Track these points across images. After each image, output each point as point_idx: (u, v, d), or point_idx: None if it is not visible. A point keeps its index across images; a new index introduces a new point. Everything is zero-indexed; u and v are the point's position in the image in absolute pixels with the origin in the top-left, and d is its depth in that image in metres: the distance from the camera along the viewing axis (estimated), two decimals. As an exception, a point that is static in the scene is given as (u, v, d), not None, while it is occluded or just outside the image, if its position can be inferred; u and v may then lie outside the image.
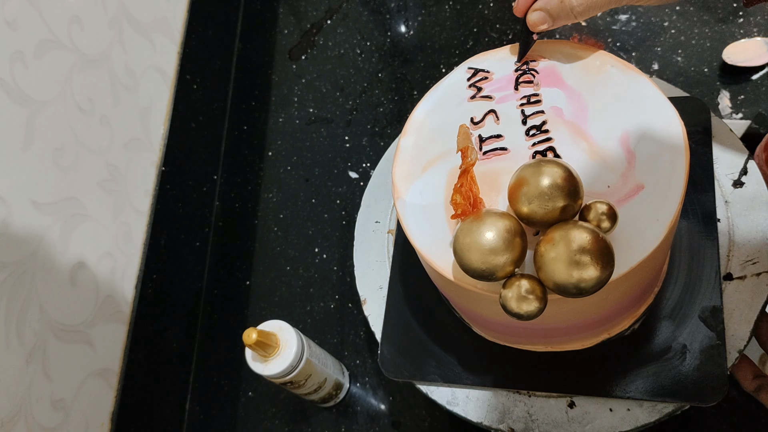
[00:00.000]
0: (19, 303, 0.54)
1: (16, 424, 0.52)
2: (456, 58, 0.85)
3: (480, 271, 0.36)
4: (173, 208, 0.77)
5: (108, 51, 0.70)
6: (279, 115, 0.90)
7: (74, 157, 0.63)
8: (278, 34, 0.97)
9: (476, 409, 0.50)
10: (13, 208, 0.55)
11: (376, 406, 0.68)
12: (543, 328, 0.45)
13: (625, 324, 0.48)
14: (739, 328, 0.47)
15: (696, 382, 0.45)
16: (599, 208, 0.37)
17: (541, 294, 0.36)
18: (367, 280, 0.58)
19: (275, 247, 0.80)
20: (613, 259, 0.35)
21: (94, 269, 0.64)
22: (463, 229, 0.37)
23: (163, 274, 0.73)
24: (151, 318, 0.70)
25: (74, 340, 0.60)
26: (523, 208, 0.36)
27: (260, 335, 0.53)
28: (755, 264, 0.49)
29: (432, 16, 0.90)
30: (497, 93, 0.46)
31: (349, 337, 0.72)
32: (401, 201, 0.45)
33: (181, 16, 0.85)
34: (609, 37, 0.79)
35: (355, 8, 0.95)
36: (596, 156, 0.41)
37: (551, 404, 0.48)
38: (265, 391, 0.72)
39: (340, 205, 0.80)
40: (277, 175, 0.85)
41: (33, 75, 0.59)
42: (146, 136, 0.75)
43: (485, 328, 0.50)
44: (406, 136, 0.47)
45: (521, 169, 0.37)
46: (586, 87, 0.44)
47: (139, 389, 0.67)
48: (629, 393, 0.46)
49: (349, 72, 0.89)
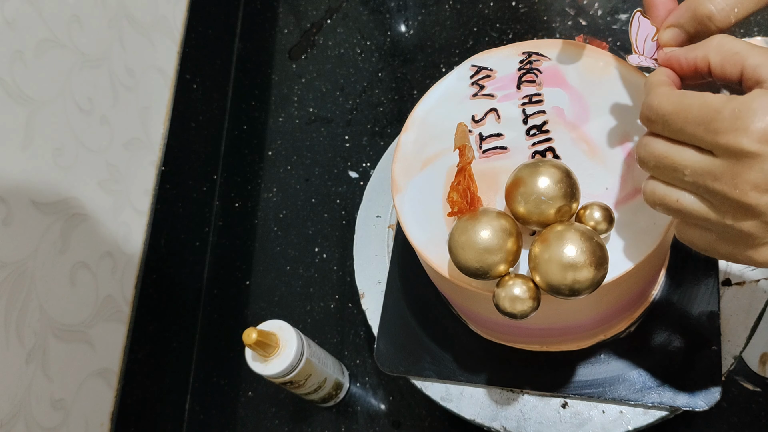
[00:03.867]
0: (19, 303, 0.54)
1: (16, 424, 0.52)
2: (456, 58, 0.85)
3: (474, 269, 0.36)
4: (173, 208, 0.77)
5: (108, 51, 0.70)
6: (279, 115, 0.90)
7: (74, 156, 0.63)
8: (278, 33, 0.97)
9: (470, 406, 0.50)
10: (13, 208, 0.55)
11: (376, 406, 0.68)
12: (538, 328, 0.45)
13: (621, 326, 0.48)
14: (736, 334, 0.47)
15: (690, 387, 0.45)
16: (596, 210, 0.37)
17: (535, 294, 0.36)
18: (366, 275, 0.59)
19: (275, 246, 0.80)
20: (607, 261, 0.35)
21: (94, 269, 0.64)
22: (459, 227, 0.37)
23: (163, 274, 0.73)
24: (151, 318, 0.70)
25: (74, 340, 0.60)
26: (519, 208, 0.36)
27: (260, 335, 0.53)
28: (754, 270, 0.49)
29: (432, 16, 0.90)
30: (499, 91, 0.46)
31: (349, 336, 0.72)
32: (400, 197, 0.45)
33: (181, 15, 0.85)
34: (609, 36, 0.79)
35: (355, 8, 0.95)
36: (596, 157, 0.41)
37: (544, 404, 0.48)
38: (265, 391, 0.72)
39: (340, 204, 0.80)
40: (277, 174, 0.85)
41: (33, 75, 0.59)
42: (146, 136, 0.75)
43: (481, 325, 0.50)
44: (407, 132, 0.47)
45: (518, 169, 0.37)
46: (588, 88, 0.44)
47: (139, 389, 0.67)
48: (622, 396, 0.46)
49: (349, 72, 0.89)
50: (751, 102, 0.28)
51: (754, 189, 0.28)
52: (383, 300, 0.55)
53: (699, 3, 0.34)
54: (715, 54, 0.32)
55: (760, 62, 0.30)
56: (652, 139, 0.32)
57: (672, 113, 0.31)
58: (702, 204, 0.31)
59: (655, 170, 0.33)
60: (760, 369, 0.55)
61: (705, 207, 0.31)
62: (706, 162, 0.30)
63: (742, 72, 0.31)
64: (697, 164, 0.30)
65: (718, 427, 0.56)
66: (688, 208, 0.31)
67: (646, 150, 0.33)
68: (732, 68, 0.31)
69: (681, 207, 0.32)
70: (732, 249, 0.31)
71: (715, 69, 0.32)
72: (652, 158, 0.32)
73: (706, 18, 0.33)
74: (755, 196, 0.28)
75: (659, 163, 0.32)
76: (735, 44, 0.31)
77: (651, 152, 0.32)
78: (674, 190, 0.32)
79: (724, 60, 0.31)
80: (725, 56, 0.31)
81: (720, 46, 0.32)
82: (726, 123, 0.28)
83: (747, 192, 0.28)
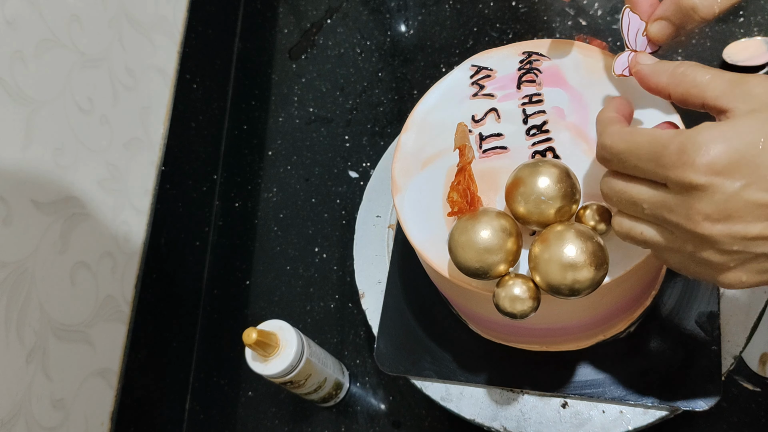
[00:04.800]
0: (19, 303, 0.54)
1: (16, 424, 0.52)
2: (456, 58, 0.85)
3: (474, 269, 0.36)
4: (173, 208, 0.77)
5: (108, 50, 0.70)
6: (279, 115, 0.90)
7: (74, 156, 0.63)
8: (278, 33, 0.97)
9: (470, 406, 0.50)
10: (13, 207, 0.55)
11: (376, 406, 0.68)
12: (538, 328, 0.45)
13: (621, 326, 0.48)
14: (736, 334, 0.47)
15: (690, 387, 0.45)
16: (596, 210, 0.37)
17: (535, 294, 0.36)
18: (366, 274, 0.59)
19: (275, 246, 0.80)
20: (607, 261, 0.35)
21: (94, 269, 0.64)
22: (459, 227, 0.37)
23: (163, 274, 0.73)
24: (151, 318, 0.70)
25: (74, 339, 0.60)
26: (519, 208, 0.36)
27: (260, 335, 0.53)
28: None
29: (432, 16, 0.90)
30: (499, 91, 0.46)
31: (349, 336, 0.72)
32: (400, 197, 0.45)
33: (181, 15, 0.85)
34: (609, 36, 0.79)
35: (355, 7, 0.95)
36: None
37: (544, 404, 0.48)
38: (265, 391, 0.72)
39: (340, 204, 0.80)
40: (277, 174, 0.85)
41: (33, 75, 0.59)
42: (146, 136, 0.75)
43: (481, 325, 0.50)
44: (407, 132, 0.47)
45: (518, 169, 0.37)
46: (588, 88, 0.44)
47: (139, 389, 0.67)
48: (622, 396, 0.46)
49: (349, 71, 0.89)
50: (696, 135, 0.29)
51: (706, 219, 0.29)
52: (383, 300, 0.55)
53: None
54: (676, 86, 0.33)
55: (720, 93, 0.30)
56: (611, 177, 0.34)
57: (624, 152, 0.32)
58: (664, 234, 0.32)
59: (619, 205, 0.34)
60: (760, 369, 0.55)
61: (667, 237, 0.32)
62: (661, 196, 0.31)
63: (704, 104, 0.31)
64: (653, 198, 0.31)
65: (718, 427, 0.56)
66: (652, 239, 0.33)
67: (608, 186, 0.34)
68: (694, 100, 0.32)
69: (646, 239, 0.33)
70: (700, 270, 0.32)
71: (677, 100, 0.33)
72: (613, 194, 0.34)
73: (690, 9, 0.34)
74: (708, 226, 0.29)
75: (620, 199, 0.33)
76: (697, 75, 0.32)
77: (611, 188, 0.33)
78: (638, 224, 0.33)
79: (686, 93, 0.32)
80: (686, 89, 0.32)
81: (682, 77, 0.33)
82: (673, 158, 0.29)
83: (699, 222, 0.29)
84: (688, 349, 0.46)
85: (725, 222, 0.29)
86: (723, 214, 0.29)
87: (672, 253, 0.32)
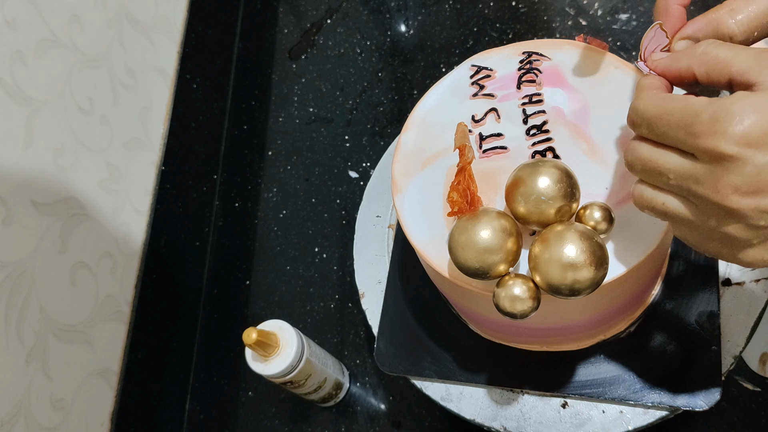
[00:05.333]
0: (19, 303, 0.54)
1: (16, 424, 0.52)
2: (456, 58, 0.85)
3: (474, 269, 0.36)
4: (173, 208, 0.77)
5: (108, 51, 0.70)
6: (279, 115, 0.90)
7: (74, 156, 0.63)
8: (278, 33, 0.97)
9: (470, 406, 0.50)
10: (13, 208, 0.55)
11: (376, 406, 0.68)
12: (538, 328, 0.45)
13: (621, 326, 0.48)
14: (736, 334, 0.47)
15: (690, 387, 0.45)
16: (596, 210, 0.37)
17: (535, 294, 0.36)
18: (366, 275, 0.59)
19: (275, 246, 0.80)
20: (607, 261, 0.35)
21: (94, 269, 0.64)
22: (459, 227, 0.37)
23: (163, 274, 0.73)
24: (151, 318, 0.70)
25: (74, 339, 0.60)
26: (519, 207, 0.36)
27: (260, 335, 0.53)
28: (754, 270, 0.49)
29: (432, 16, 0.90)
30: (499, 91, 0.46)
31: (349, 336, 0.72)
32: (400, 197, 0.45)
33: (181, 15, 0.85)
34: (609, 36, 0.79)
35: (355, 7, 0.95)
36: (596, 157, 0.41)
37: (544, 404, 0.48)
38: (265, 391, 0.72)
39: (340, 204, 0.80)
40: (277, 174, 0.85)
41: (33, 75, 0.59)
42: (146, 136, 0.75)
43: (481, 325, 0.50)
44: (407, 132, 0.47)
45: (518, 169, 0.37)
46: (588, 88, 0.44)
47: (139, 389, 0.67)
48: (622, 396, 0.46)
49: (349, 71, 0.89)
50: (730, 105, 0.28)
51: (735, 192, 0.28)
52: (383, 300, 0.55)
53: (721, 21, 0.33)
54: (699, 65, 0.32)
55: (746, 67, 0.29)
56: (639, 143, 0.32)
57: (655, 117, 0.31)
58: (688, 207, 0.31)
59: (642, 174, 0.33)
60: (760, 369, 0.55)
61: (690, 210, 0.31)
62: (689, 166, 0.30)
63: (730, 80, 0.30)
64: (681, 168, 0.30)
65: (718, 427, 0.56)
66: (674, 211, 0.31)
67: (633, 154, 0.33)
68: (719, 77, 0.31)
69: (667, 210, 0.32)
70: (720, 248, 0.31)
71: (702, 79, 0.32)
72: (638, 162, 0.32)
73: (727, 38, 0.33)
74: (736, 199, 0.28)
75: (645, 167, 0.32)
76: (719, 51, 0.31)
77: (637, 156, 0.32)
78: (660, 194, 0.32)
79: (710, 70, 0.31)
80: (710, 66, 0.31)
81: (704, 56, 0.31)
82: (705, 126, 0.28)
83: (728, 195, 0.28)
84: (688, 348, 0.46)
85: (754, 196, 0.27)
86: (753, 188, 0.27)
87: (692, 228, 0.31)
